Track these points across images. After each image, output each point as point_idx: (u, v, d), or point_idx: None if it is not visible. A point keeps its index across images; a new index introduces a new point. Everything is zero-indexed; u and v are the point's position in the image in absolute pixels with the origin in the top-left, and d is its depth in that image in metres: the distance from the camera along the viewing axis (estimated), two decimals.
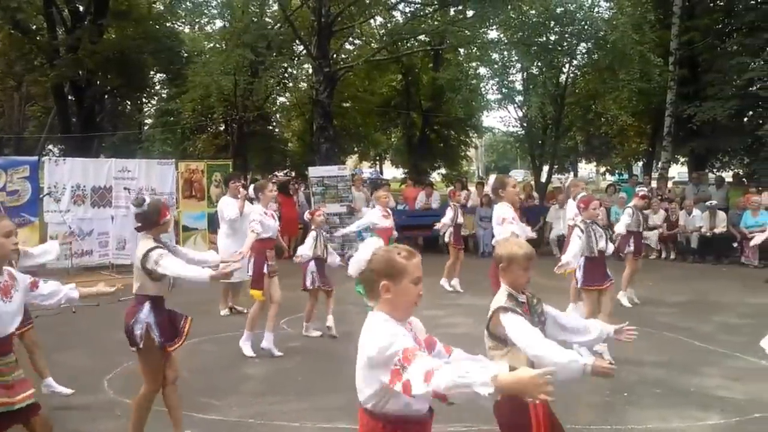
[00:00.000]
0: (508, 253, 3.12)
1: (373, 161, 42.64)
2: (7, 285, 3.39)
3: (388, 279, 2.30)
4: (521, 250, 3.13)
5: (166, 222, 4.28)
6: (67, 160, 12.93)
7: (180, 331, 4.31)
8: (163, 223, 4.25)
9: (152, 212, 4.21)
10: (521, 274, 3.10)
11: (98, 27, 18.90)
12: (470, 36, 17.04)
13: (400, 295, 2.31)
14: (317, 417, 4.89)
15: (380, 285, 2.30)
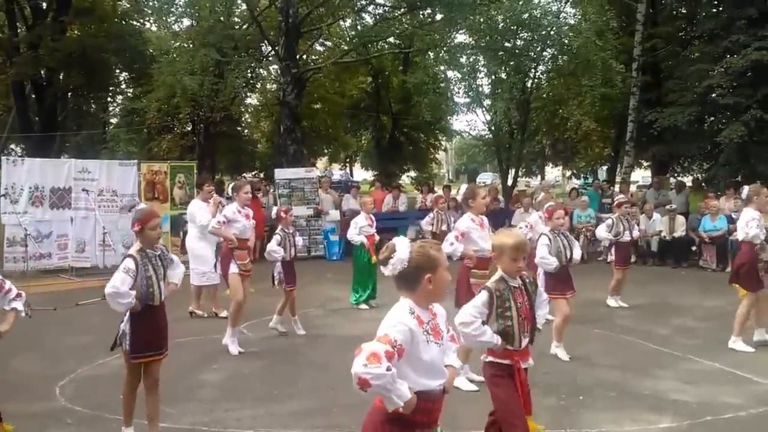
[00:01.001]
0: (499, 243, 3.60)
1: (344, 163, 42.58)
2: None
3: (431, 272, 2.60)
4: (510, 240, 3.55)
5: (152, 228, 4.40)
6: (26, 160, 12.66)
7: (160, 344, 4.42)
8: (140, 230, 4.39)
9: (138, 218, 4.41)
10: (510, 262, 3.53)
11: (60, 24, 18.56)
12: (438, 39, 17.11)
13: (440, 284, 2.64)
14: (273, 423, 4.85)
15: (425, 278, 2.59)
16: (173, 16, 18.47)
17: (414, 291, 2.61)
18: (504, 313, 3.47)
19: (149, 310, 4.33)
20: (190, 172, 13.63)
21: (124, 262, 4.29)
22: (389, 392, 2.39)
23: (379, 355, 2.36)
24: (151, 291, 4.30)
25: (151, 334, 4.35)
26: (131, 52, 20.01)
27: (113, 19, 20.79)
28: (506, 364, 3.49)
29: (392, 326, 2.49)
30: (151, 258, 4.36)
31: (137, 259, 4.29)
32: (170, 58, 17.01)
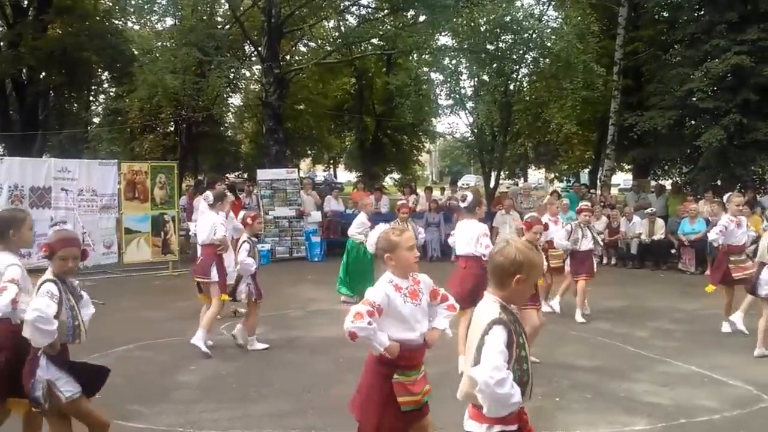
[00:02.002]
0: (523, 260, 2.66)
1: (327, 165, 42.52)
2: None
3: (390, 252, 3.33)
4: (533, 256, 3.12)
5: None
6: (5, 159, 12.49)
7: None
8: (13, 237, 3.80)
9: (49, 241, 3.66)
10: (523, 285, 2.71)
11: (41, 22, 18.38)
12: (421, 41, 17.14)
13: (401, 261, 3.32)
14: (249, 425, 4.82)
15: (385, 257, 3.34)
16: (155, 15, 18.39)
17: (387, 265, 3.35)
18: (520, 354, 2.57)
19: (65, 349, 3.57)
20: (171, 172, 13.52)
21: (44, 286, 3.48)
22: (371, 341, 3.11)
23: (362, 313, 3.07)
24: (77, 324, 3.57)
25: (79, 371, 3.62)
26: (112, 51, 19.86)
27: (94, 17, 20.62)
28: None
29: (374, 290, 3.23)
30: (69, 286, 3.64)
31: (59, 285, 3.53)
32: (152, 57, 16.90)
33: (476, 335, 2.54)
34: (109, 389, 5.33)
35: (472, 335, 2.59)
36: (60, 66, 19.63)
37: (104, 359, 6.34)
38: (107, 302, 8.54)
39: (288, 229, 14.69)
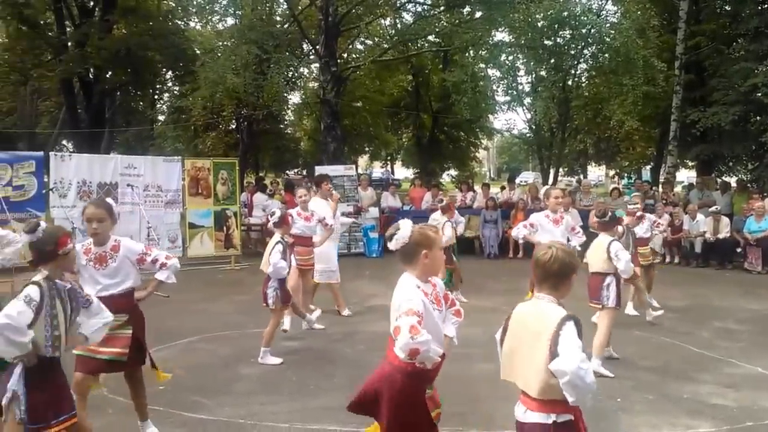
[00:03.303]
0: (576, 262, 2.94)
1: (384, 161, 42.69)
2: None
3: (427, 249, 3.07)
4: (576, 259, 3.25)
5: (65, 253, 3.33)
6: (73, 155, 13.01)
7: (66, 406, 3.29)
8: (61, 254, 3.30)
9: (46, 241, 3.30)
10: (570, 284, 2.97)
11: (106, 23, 19.04)
12: (478, 37, 17.03)
13: (436, 260, 3.10)
14: (308, 418, 4.89)
15: (422, 253, 3.05)
16: (216, 14, 18.87)
17: (414, 265, 3.08)
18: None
19: (49, 363, 3.19)
20: (233, 169, 13.88)
21: (25, 290, 3.15)
22: (430, 352, 2.87)
23: (416, 326, 2.78)
24: (57, 335, 3.19)
25: (53, 395, 3.21)
26: (175, 50, 20.42)
27: (157, 18, 21.25)
28: (572, 421, 2.77)
29: (410, 299, 2.91)
30: (61, 291, 3.29)
31: (44, 290, 3.18)
32: (213, 56, 17.34)
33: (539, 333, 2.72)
34: (173, 380, 5.56)
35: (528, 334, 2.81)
36: (125, 65, 20.31)
37: (168, 351, 6.58)
38: (172, 295, 8.78)
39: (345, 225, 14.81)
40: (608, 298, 6.08)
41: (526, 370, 2.76)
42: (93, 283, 4.14)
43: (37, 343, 3.10)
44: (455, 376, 5.88)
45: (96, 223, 4.16)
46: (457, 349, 6.49)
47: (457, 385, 5.60)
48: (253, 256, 10.24)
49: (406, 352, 2.79)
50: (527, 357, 2.76)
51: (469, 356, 6.45)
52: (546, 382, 2.66)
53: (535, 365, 2.70)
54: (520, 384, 2.85)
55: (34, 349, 3.10)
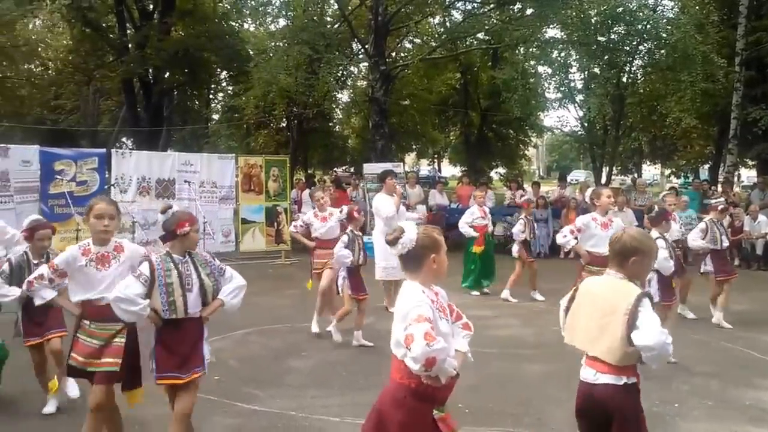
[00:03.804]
0: (649, 246, 3.21)
1: (432, 159, 42.60)
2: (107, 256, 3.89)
3: (435, 253, 2.81)
4: (655, 245, 3.40)
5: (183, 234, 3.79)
6: (133, 153, 13.44)
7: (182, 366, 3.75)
8: (179, 234, 3.78)
9: (171, 222, 3.81)
10: (648, 268, 3.31)
11: (165, 25, 19.56)
12: (529, 34, 16.82)
13: (442, 265, 2.84)
14: (358, 413, 4.90)
15: (430, 258, 2.79)
16: (269, 16, 19.19)
17: (419, 271, 2.81)
18: None
19: (172, 325, 3.72)
20: (283, 166, 14.16)
21: (140, 267, 3.75)
22: (446, 363, 2.60)
23: (431, 332, 2.53)
24: (172, 300, 3.68)
25: (172, 354, 3.72)
26: (230, 51, 20.84)
27: (213, 20, 21.71)
28: (636, 383, 3.08)
29: (418, 305, 2.65)
30: (179, 264, 3.75)
31: (154, 265, 3.71)
32: (266, 57, 17.63)
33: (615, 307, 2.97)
34: (228, 372, 5.69)
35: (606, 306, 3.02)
36: (182, 66, 20.82)
37: (222, 342, 6.73)
38: None
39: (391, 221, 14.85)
40: (653, 294, 6.04)
41: (600, 338, 3.02)
42: (88, 287, 3.80)
43: (157, 308, 3.66)
44: (507, 376, 5.86)
45: (107, 220, 3.82)
46: (509, 350, 6.58)
47: (510, 386, 5.58)
48: (303, 252, 10.39)
49: (422, 361, 2.50)
50: (600, 327, 3.02)
51: (521, 357, 6.41)
52: (623, 351, 2.92)
53: (611, 335, 2.96)
54: (587, 349, 3.10)
55: (156, 313, 3.67)
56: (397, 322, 2.72)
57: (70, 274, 3.86)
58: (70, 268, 3.82)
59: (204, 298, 3.78)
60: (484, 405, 4.93)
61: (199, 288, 3.76)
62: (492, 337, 7.08)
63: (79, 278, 3.81)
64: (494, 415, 4.83)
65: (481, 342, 6.47)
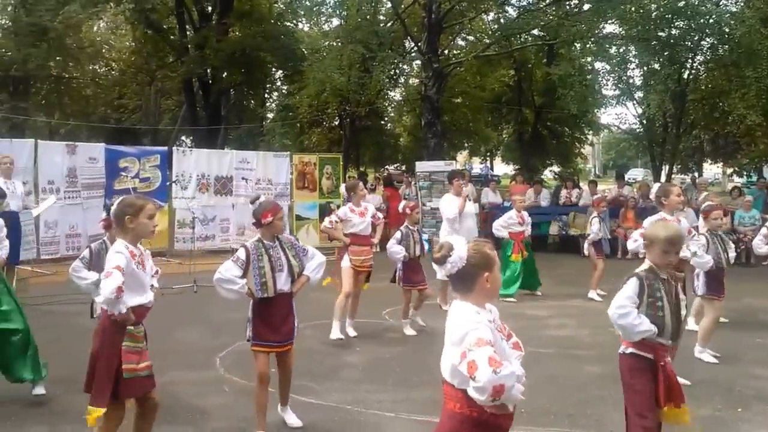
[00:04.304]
0: (652, 233, 3.57)
1: (484, 157, 42.28)
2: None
3: (488, 270, 2.57)
4: (664, 232, 3.51)
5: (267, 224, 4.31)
6: (194, 151, 13.87)
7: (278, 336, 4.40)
8: (264, 224, 4.31)
9: (257, 212, 4.34)
10: (661, 255, 3.47)
11: (223, 26, 20.05)
12: (586, 30, 16.53)
13: (494, 282, 2.61)
14: (413, 409, 4.97)
15: (483, 276, 2.55)
16: (323, 16, 19.43)
17: (471, 291, 2.56)
18: (655, 303, 3.37)
19: (266, 302, 4.26)
20: (337, 164, 14.37)
21: (236, 252, 4.30)
22: (514, 389, 2.37)
23: (495, 357, 2.30)
24: (264, 281, 4.20)
25: (266, 325, 4.28)
26: (285, 51, 21.21)
27: (269, 20, 22.12)
28: (648, 358, 3.39)
29: (476, 328, 2.41)
30: (269, 249, 4.27)
31: (249, 250, 4.24)
32: (320, 56, 17.87)
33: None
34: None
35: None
36: (240, 66, 21.33)
37: None
38: None
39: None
40: (698, 287, 6.25)
41: None
42: (140, 291, 3.64)
43: (251, 288, 4.18)
44: (564, 376, 5.82)
45: (156, 220, 3.77)
46: (565, 350, 6.51)
47: (567, 387, 5.54)
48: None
49: (489, 391, 2.27)
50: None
51: (578, 358, 6.36)
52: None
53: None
54: None
55: (251, 292, 4.19)
56: (450, 346, 2.50)
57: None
58: (127, 270, 3.54)
59: (292, 277, 4.32)
60: (540, 405, 4.91)
61: (288, 269, 4.29)
62: (548, 337, 7.04)
63: (130, 282, 3.50)
64: (551, 416, 4.81)
65: (538, 342, 6.46)
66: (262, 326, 4.30)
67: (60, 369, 5.51)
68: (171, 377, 5.57)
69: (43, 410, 4.76)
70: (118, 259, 3.44)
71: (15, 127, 21.33)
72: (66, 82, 25.85)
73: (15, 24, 21.40)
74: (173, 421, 4.61)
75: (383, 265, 7.87)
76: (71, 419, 4.42)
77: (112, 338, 3.50)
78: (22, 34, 20.41)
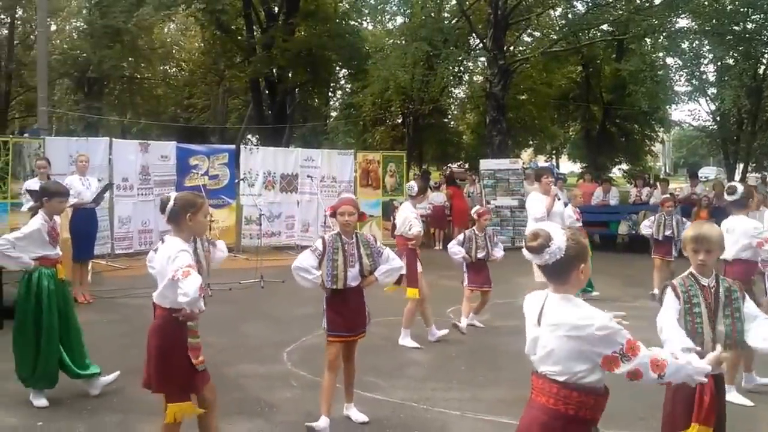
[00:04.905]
0: (683, 235, 3.47)
1: (549, 155, 41.59)
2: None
3: (583, 262, 2.50)
4: (690, 232, 3.38)
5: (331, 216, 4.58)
6: (260, 149, 14.17)
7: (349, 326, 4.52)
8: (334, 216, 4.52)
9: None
10: (691, 255, 3.34)
11: (289, 26, 20.39)
12: (657, 25, 16.03)
13: (585, 274, 2.52)
14: (479, 408, 4.95)
15: (579, 268, 2.48)
16: (387, 14, 19.51)
17: (566, 282, 2.48)
18: (692, 310, 3.26)
19: (337, 293, 4.40)
20: (400, 162, 14.40)
21: (316, 242, 4.48)
22: (687, 375, 2.50)
23: (648, 357, 2.43)
24: (335, 274, 4.34)
25: (340, 316, 4.41)
26: (349, 49, 21.40)
27: (334, 19, 22.35)
28: None
29: (604, 317, 2.38)
30: (345, 244, 4.39)
31: (326, 242, 4.39)
32: (384, 54, 17.95)
33: None
34: None
35: None
36: (305, 65, 21.66)
37: None
38: None
39: (510, 219, 14.73)
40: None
41: None
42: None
43: (323, 278, 4.34)
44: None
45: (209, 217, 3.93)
46: None
47: (639, 390, 5.39)
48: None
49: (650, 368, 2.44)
50: None
51: None
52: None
53: None
54: None
55: (323, 282, 4.35)
56: (551, 337, 2.45)
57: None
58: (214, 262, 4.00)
59: (362, 274, 4.44)
60: (613, 407, 4.78)
61: (359, 266, 4.42)
62: None
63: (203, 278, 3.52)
64: (624, 419, 4.68)
65: None
66: (335, 317, 4.43)
67: (132, 360, 5.72)
68: (240, 370, 5.72)
69: (116, 401, 4.95)
70: (186, 257, 3.42)
71: (89, 126, 22.33)
72: (138, 82, 26.84)
73: (90, 26, 22.37)
74: (243, 413, 4.74)
75: (449, 264, 7.86)
76: (143, 409, 4.58)
77: (179, 335, 3.52)
78: (97, 36, 21.30)
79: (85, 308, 7.71)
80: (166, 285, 3.42)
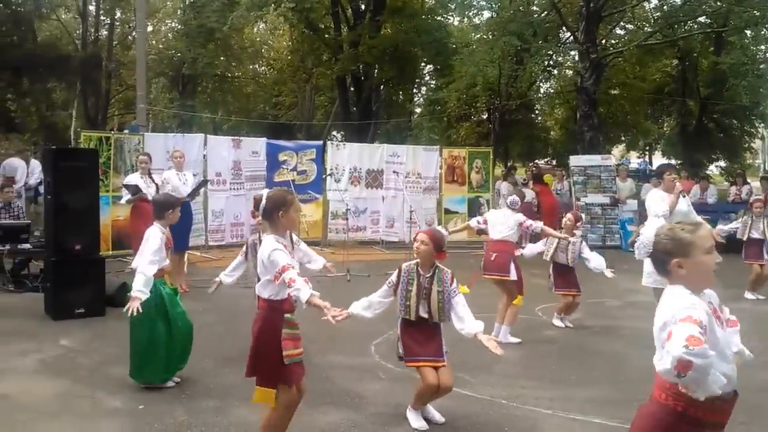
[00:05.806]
0: None
1: (642, 151, 40.06)
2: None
3: (680, 257, 2.39)
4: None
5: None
6: (347, 145, 14.35)
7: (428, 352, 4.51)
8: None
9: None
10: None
11: (376, 23, 20.53)
12: (759, 16, 15.13)
13: (694, 269, 2.38)
14: (570, 407, 4.84)
15: (672, 263, 2.39)
16: (474, 9, 19.33)
17: (668, 275, 2.42)
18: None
19: (408, 321, 4.42)
20: (486, 158, 14.23)
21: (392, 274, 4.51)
22: (708, 376, 2.16)
23: (698, 337, 2.10)
24: (408, 304, 4.38)
25: (414, 341, 4.41)
26: (436, 45, 21.33)
27: (421, 15, 22.34)
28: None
29: (689, 307, 2.23)
30: (421, 276, 4.40)
31: (402, 272, 4.45)
32: (471, 50, 17.78)
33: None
34: None
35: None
36: (391, 62, 21.77)
37: None
38: None
39: (600, 217, 14.29)
40: None
41: None
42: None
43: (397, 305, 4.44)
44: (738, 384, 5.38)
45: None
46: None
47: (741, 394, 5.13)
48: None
49: (674, 363, 2.08)
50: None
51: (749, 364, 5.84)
52: None
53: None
54: None
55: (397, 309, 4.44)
56: (657, 329, 2.36)
57: None
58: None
59: (429, 308, 4.37)
60: None
61: (428, 301, 4.38)
62: None
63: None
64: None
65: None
66: (409, 342, 4.44)
67: (226, 348, 5.96)
68: (329, 361, 5.82)
69: (213, 386, 5.13)
70: (283, 256, 3.52)
71: (183, 123, 23.31)
72: (229, 81, 27.79)
73: (185, 26, 23.33)
74: (333, 403, 4.81)
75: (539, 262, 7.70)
76: (239, 396, 4.73)
77: (277, 325, 3.63)
78: (192, 35, 22.18)
79: (182, 297, 8.04)
80: (262, 283, 3.67)
